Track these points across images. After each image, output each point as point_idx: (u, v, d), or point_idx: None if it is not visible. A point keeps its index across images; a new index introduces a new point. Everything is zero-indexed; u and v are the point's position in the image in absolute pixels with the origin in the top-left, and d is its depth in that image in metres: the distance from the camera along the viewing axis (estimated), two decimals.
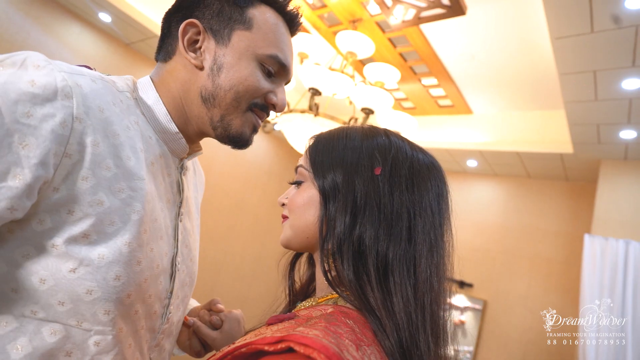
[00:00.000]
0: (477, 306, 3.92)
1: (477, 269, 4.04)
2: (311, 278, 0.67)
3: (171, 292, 0.63)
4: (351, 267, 0.51)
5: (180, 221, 0.66)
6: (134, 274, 0.54)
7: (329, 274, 0.53)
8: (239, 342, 0.46)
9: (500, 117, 3.70)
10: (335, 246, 0.52)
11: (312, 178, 0.58)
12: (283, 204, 0.62)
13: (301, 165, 0.61)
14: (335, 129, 0.62)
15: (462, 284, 4.04)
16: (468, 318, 3.94)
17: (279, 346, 0.39)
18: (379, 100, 2.32)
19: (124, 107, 0.57)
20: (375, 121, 2.50)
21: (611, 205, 3.12)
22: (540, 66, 2.88)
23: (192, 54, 0.61)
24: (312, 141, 0.62)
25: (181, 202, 0.67)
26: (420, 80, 3.45)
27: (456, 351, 0.59)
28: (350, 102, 2.50)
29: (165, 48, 0.65)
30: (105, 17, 3.06)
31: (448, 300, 0.55)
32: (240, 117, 0.63)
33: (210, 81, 0.61)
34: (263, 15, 0.63)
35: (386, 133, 0.60)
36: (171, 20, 0.64)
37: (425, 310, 0.50)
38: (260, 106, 0.64)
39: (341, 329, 0.43)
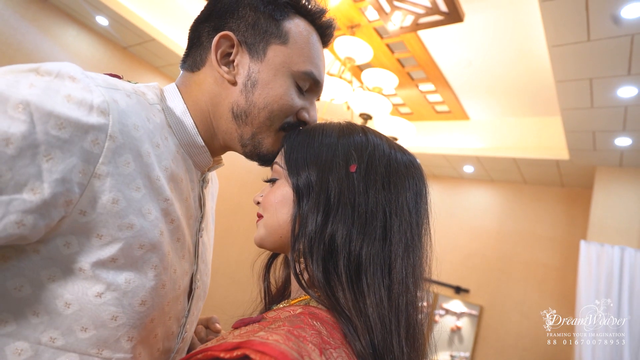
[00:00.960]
0: (474, 312, 3.92)
1: (473, 274, 4.04)
2: (287, 280, 0.65)
3: (188, 311, 0.61)
4: (320, 267, 0.49)
5: (200, 237, 0.64)
6: (158, 297, 0.51)
7: (300, 275, 0.52)
8: (197, 349, 0.44)
9: (497, 123, 3.72)
10: (306, 246, 0.51)
11: (287, 175, 0.57)
12: (258, 203, 0.61)
13: (276, 162, 0.60)
14: (312, 126, 0.61)
15: (459, 290, 4.04)
16: (464, 324, 3.94)
17: (235, 353, 0.37)
18: (377, 105, 2.33)
19: (157, 122, 0.54)
20: (374, 126, 2.50)
21: (606, 212, 3.14)
22: (536, 73, 2.90)
23: (225, 68, 0.58)
24: (288, 138, 0.60)
25: (202, 217, 0.64)
26: (417, 86, 3.46)
27: (452, 356, 0.57)
28: (348, 108, 2.50)
29: (193, 57, 0.61)
30: (102, 21, 3.05)
31: (425, 302, 0.54)
32: (272, 136, 0.60)
33: (243, 97, 0.58)
34: (298, 28, 0.60)
35: (364, 130, 0.59)
36: (201, 29, 0.61)
37: (399, 312, 0.49)
38: (292, 125, 0.62)
39: (305, 332, 0.41)
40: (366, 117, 2.33)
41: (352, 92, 2.42)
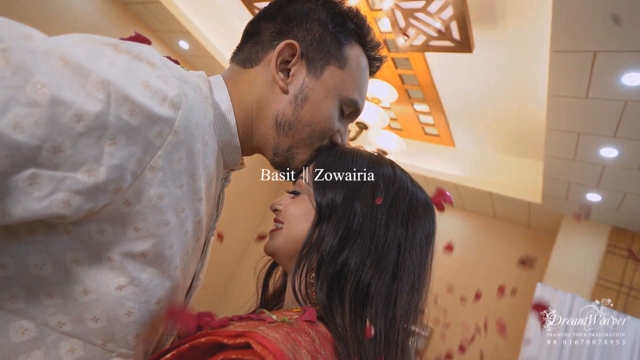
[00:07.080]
0: (424, 333, 4.00)
1: (431, 297, 4.13)
2: (283, 289, 0.66)
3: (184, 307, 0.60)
4: (325, 288, 0.51)
5: (212, 235, 0.63)
6: (172, 297, 0.50)
7: (298, 292, 0.53)
8: (199, 333, 0.45)
9: (481, 156, 3.82)
10: (314, 264, 0.53)
11: (311, 192, 0.58)
12: (275, 210, 0.62)
13: (302, 177, 0.61)
14: (343, 149, 0.63)
15: None
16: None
17: (238, 340, 0.39)
18: (374, 117, 2.32)
19: (210, 119, 0.53)
20: (367, 137, 2.49)
21: (565, 259, 3.28)
22: (529, 117, 2.99)
23: (281, 75, 0.58)
24: (318, 156, 0.62)
25: (217, 216, 0.63)
26: (412, 105, 3.49)
27: None
28: None
29: (247, 53, 0.61)
30: None
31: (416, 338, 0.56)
32: (306, 154, 0.61)
33: (291, 109, 0.58)
34: (355, 55, 0.62)
35: (392, 164, 0.62)
36: (263, 27, 0.60)
37: (397, 347, 0.51)
38: (325, 146, 0.63)
39: (301, 337, 0.43)
40: (362, 126, 2.33)
41: None
